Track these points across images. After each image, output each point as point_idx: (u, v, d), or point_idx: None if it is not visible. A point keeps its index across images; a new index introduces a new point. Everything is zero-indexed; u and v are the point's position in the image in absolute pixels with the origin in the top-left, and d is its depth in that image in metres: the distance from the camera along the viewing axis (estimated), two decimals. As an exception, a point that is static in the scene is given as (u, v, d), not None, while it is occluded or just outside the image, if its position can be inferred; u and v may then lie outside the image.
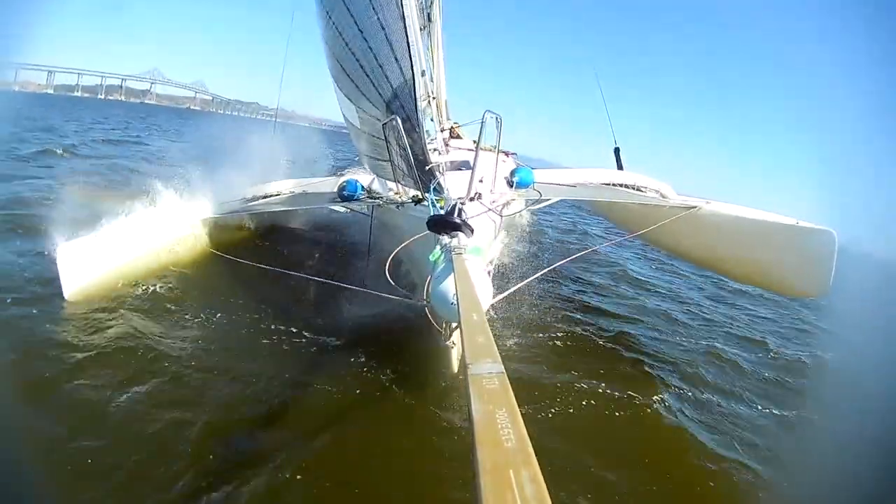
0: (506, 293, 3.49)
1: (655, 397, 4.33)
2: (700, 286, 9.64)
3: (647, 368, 5.02)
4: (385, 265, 3.37)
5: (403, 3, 3.68)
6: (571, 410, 3.87)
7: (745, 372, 5.48)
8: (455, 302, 1.96)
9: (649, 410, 4.12)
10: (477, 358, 1.23)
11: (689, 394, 4.68)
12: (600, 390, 4.22)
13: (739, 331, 7.12)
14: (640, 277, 9.07)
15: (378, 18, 3.78)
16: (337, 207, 6.47)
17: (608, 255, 10.00)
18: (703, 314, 7.65)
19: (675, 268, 10.53)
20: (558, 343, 5.09)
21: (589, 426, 3.76)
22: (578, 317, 6.14)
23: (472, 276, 2.24)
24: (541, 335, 5.13)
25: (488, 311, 3.19)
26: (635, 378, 4.72)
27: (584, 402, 3.99)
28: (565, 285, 7.51)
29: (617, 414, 3.99)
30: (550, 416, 3.74)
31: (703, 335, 6.49)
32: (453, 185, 3.70)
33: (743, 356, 5.93)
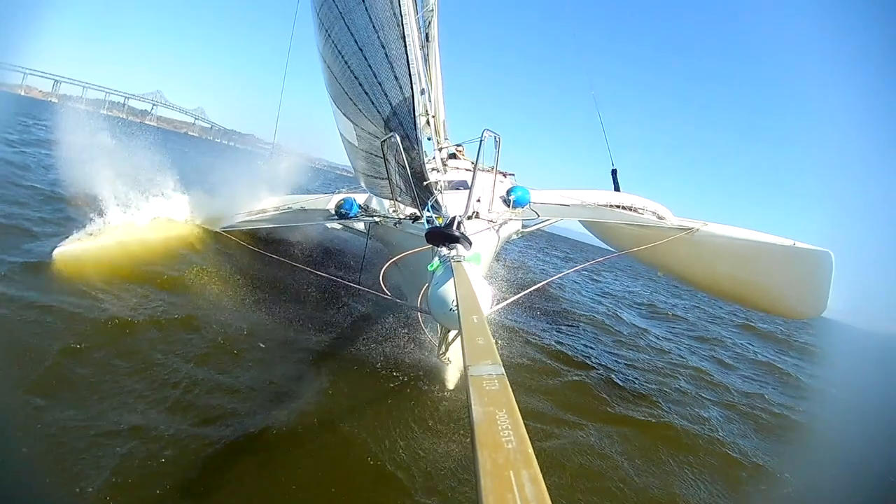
0: (507, 302, 3.45)
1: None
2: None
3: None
4: (381, 274, 3.32)
5: (404, 22, 3.75)
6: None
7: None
8: (454, 307, 1.92)
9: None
10: (477, 359, 1.22)
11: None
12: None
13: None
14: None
15: (378, 37, 3.85)
16: (334, 225, 6.45)
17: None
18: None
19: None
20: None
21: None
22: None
23: (472, 280, 2.19)
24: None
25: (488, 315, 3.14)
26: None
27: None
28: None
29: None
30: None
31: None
32: (451, 204, 3.69)
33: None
